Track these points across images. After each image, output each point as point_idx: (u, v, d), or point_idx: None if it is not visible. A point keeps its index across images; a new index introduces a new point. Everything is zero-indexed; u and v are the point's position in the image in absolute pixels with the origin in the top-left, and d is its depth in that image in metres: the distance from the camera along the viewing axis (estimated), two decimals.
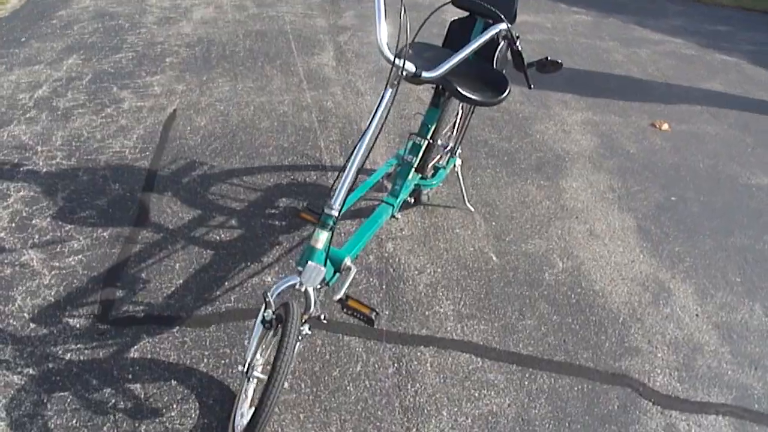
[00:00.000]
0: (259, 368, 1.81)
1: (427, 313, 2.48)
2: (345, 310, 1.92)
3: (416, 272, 2.68)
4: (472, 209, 3.14)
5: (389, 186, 2.46)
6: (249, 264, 2.56)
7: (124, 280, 2.37)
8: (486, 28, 2.57)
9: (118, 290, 2.33)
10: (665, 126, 4.63)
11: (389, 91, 1.83)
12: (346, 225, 2.86)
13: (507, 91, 2.19)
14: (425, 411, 2.09)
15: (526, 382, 2.27)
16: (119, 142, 3.13)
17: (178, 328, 2.23)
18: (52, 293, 2.27)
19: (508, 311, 2.57)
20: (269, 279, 2.50)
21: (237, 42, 4.56)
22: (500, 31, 2.02)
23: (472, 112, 2.82)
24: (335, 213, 1.82)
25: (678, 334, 2.63)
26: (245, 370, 1.75)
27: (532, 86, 2.12)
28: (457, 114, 2.93)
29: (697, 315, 2.76)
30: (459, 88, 2.06)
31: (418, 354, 2.30)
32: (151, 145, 3.16)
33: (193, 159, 3.12)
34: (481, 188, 3.31)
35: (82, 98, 3.56)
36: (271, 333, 1.76)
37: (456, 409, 2.12)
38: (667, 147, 4.30)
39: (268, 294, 1.73)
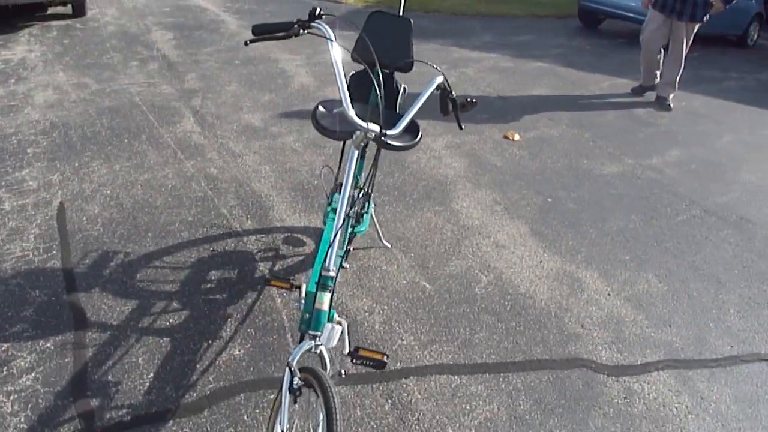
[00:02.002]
0: None
1: (393, 347, 2.81)
2: (356, 360, 2.17)
3: (367, 314, 3.00)
4: (389, 245, 3.53)
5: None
6: (210, 342, 2.72)
7: (93, 388, 2.42)
8: (384, 78, 3.00)
9: (92, 399, 2.38)
10: (516, 136, 5.41)
11: (356, 152, 2.16)
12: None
13: (421, 132, 2.61)
14: None
15: (503, 386, 2.69)
16: (18, 246, 3.10)
17: (172, 421, 2.33)
18: (22, 420, 2.27)
19: (459, 329, 2.98)
20: (237, 353, 2.68)
21: (93, 122, 4.58)
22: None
23: (378, 155, 3.19)
24: (332, 274, 2.10)
25: (601, 313, 3.21)
26: None
27: (462, 127, 2.55)
28: None
29: (609, 294, 3.38)
30: (389, 139, 2.30)
31: (403, 386, 2.62)
32: (53, 243, 3.16)
33: (104, 249, 3.17)
34: (387, 224, 3.72)
35: None
36: (295, 400, 1.94)
37: (458, 425, 2.47)
38: (525, 155, 5.04)
39: (292, 363, 1.96)
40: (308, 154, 4.39)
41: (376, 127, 2.09)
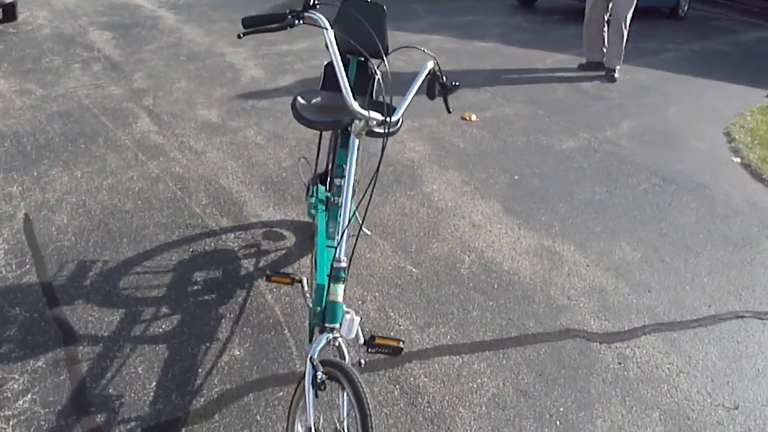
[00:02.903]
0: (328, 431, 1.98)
1: (392, 333, 2.85)
2: (372, 350, 2.17)
3: (360, 302, 3.03)
4: (369, 233, 3.56)
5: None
6: (208, 344, 2.69)
7: (96, 404, 2.37)
8: (359, 65, 3.02)
9: (97, 415, 2.33)
10: (473, 117, 5.50)
11: (356, 140, 2.18)
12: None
13: (401, 116, 2.63)
14: (446, 414, 2.47)
15: (504, 362, 2.77)
16: None
17: (184, 429, 2.30)
18: None
19: (452, 310, 3.04)
20: (237, 353, 2.66)
21: (45, 128, 4.42)
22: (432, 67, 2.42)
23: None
24: (344, 265, 2.12)
25: (583, 284, 3.32)
26: None
27: (451, 110, 2.59)
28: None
29: (587, 265, 3.50)
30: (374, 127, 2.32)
31: (409, 371, 2.67)
32: (24, 257, 3.06)
33: (80, 259, 3.09)
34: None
35: None
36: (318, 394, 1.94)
37: (468, 404, 2.53)
38: (485, 134, 5.14)
39: (314, 358, 1.96)
40: (272, 147, 4.37)
41: (378, 116, 2.10)
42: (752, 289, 3.39)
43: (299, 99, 2.70)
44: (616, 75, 6.74)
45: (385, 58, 2.30)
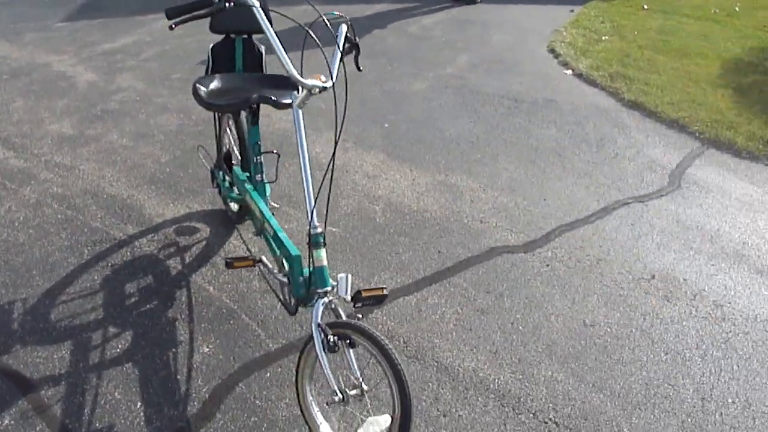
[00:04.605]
0: (350, 389, 1.97)
1: None
2: (359, 303, 2.16)
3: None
4: (277, 205, 3.58)
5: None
6: (174, 350, 2.56)
7: None
8: (244, 45, 3.02)
9: None
10: (322, 77, 5.55)
11: (299, 111, 2.22)
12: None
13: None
14: (425, 348, 2.63)
15: (453, 289, 2.96)
16: None
17: None
18: None
19: (386, 257, 3.18)
20: (207, 350, 2.59)
21: None
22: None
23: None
24: (321, 230, 2.16)
25: (488, 207, 3.61)
26: (341, 397, 1.93)
27: (361, 69, 2.64)
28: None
29: (484, 189, 3.79)
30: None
31: (374, 320, 2.78)
32: None
33: None
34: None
35: None
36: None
37: (438, 333, 2.70)
38: (340, 92, 5.23)
39: (320, 323, 2.02)
40: (142, 146, 4.18)
41: (321, 83, 2.13)
42: (625, 179, 3.86)
43: (200, 87, 2.67)
44: None
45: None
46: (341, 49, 2.27)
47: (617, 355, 2.59)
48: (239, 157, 3.07)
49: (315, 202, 2.10)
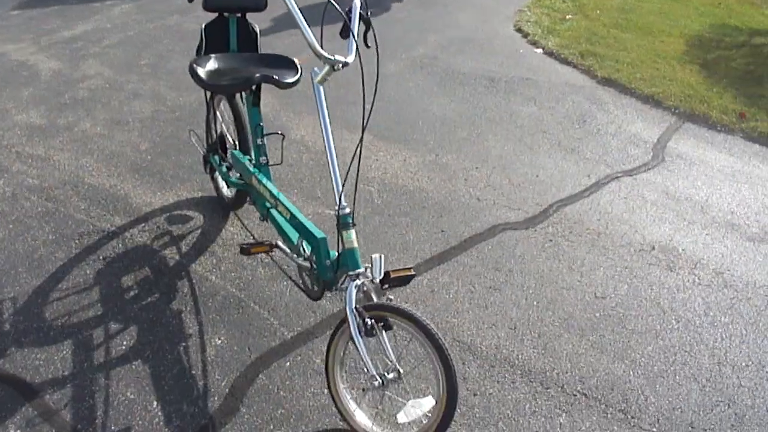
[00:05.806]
0: (388, 372, 1.94)
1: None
2: (387, 284, 2.09)
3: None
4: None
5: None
6: (185, 344, 2.46)
7: None
8: (238, 23, 2.94)
9: None
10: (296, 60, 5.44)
11: (321, 87, 2.16)
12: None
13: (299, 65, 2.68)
14: (444, 327, 2.63)
15: (461, 268, 2.96)
16: None
17: None
18: None
19: (389, 237, 3.14)
20: (219, 341, 2.51)
21: None
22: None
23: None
24: (349, 210, 2.12)
25: (483, 184, 3.60)
26: (381, 382, 1.91)
27: (369, 46, 2.59)
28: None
29: (476, 168, 3.79)
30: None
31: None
32: None
33: None
34: None
35: None
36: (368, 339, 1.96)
37: (454, 312, 2.70)
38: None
39: (355, 307, 1.95)
40: (118, 134, 4.03)
41: (344, 58, 2.08)
42: (611, 153, 3.92)
43: (198, 68, 2.58)
44: None
45: None
46: (356, 24, 2.22)
47: (632, 325, 2.62)
48: (232, 141, 2.98)
49: (343, 185, 2.04)
